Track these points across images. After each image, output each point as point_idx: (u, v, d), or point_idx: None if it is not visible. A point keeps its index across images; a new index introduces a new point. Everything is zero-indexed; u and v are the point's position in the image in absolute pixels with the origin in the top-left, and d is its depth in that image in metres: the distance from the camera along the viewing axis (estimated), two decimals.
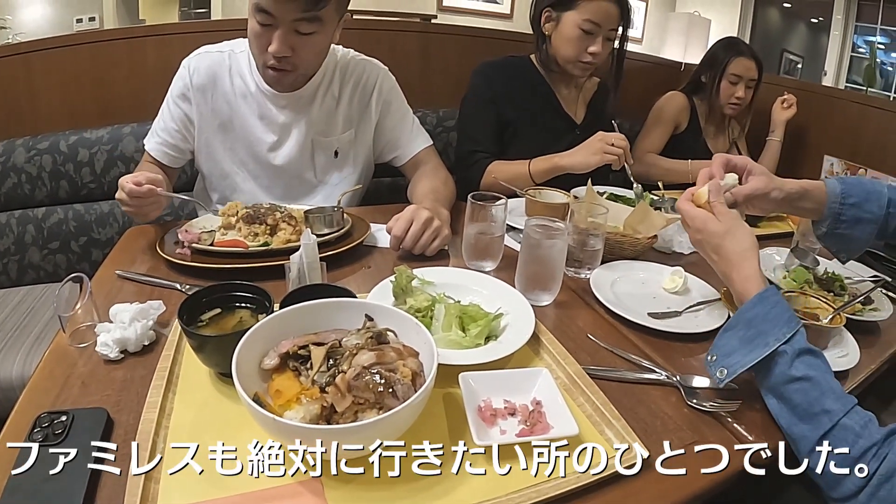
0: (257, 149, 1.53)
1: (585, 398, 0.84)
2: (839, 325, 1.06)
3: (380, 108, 1.61)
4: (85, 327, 0.92)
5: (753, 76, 2.26)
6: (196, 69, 1.48)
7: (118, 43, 1.90)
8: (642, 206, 1.37)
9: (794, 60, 6.73)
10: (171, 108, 1.50)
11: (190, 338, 0.81)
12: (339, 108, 1.56)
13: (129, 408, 0.76)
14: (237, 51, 1.50)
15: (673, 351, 1.02)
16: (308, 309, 0.80)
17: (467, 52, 2.26)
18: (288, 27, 1.30)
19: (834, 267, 1.41)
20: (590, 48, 1.74)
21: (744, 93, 2.26)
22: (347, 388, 0.67)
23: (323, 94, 1.54)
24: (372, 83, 1.59)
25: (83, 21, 4.10)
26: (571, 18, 1.74)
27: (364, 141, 1.63)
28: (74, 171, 1.79)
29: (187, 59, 1.51)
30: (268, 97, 1.49)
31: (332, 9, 1.33)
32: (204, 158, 1.55)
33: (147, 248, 1.25)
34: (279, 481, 0.67)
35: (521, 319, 0.98)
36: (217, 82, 1.48)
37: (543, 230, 1.10)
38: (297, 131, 1.53)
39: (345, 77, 1.57)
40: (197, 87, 1.47)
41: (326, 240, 1.22)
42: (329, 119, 1.56)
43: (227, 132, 1.52)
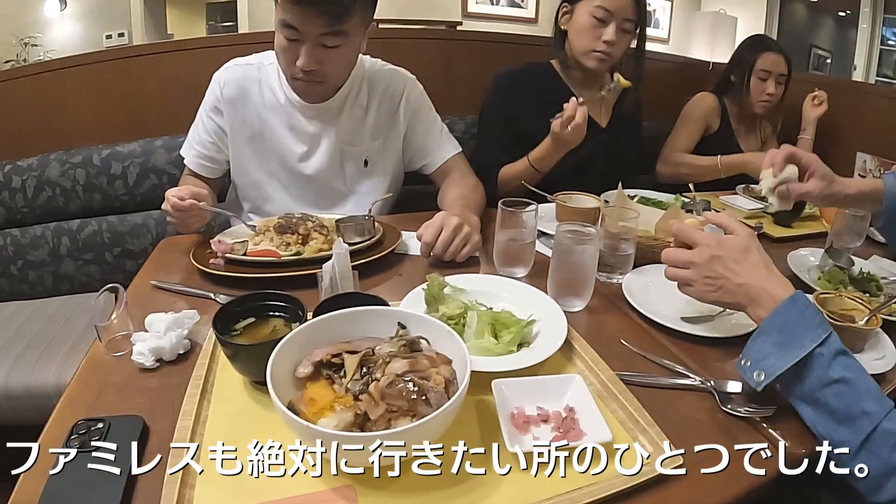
0: (287, 159, 1.54)
1: (619, 404, 0.83)
2: (876, 327, 1.03)
3: (408, 117, 1.62)
4: (121, 336, 0.93)
5: (783, 71, 2.23)
6: (227, 82, 1.50)
7: (147, 58, 1.94)
8: (673, 208, 1.36)
9: (822, 56, 6.61)
10: (204, 121, 1.53)
11: (225, 347, 0.82)
12: (368, 117, 1.57)
13: (164, 416, 0.76)
14: (266, 63, 1.52)
15: (707, 355, 1.00)
16: (341, 317, 0.81)
17: (493, 58, 2.25)
18: (314, 41, 1.31)
19: (869, 267, 1.38)
20: (603, 37, 1.72)
21: (774, 88, 2.23)
22: (381, 395, 0.67)
23: (351, 105, 1.54)
24: (399, 92, 1.60)
25: (112, 37, 4.19)
26: (584, 7, 1.74)
27: (393, 150, 1.63)
28: (108, 184, 1.82)
29: (218, 72, 1.54)
30: (297, 108, 1.51)
31: (357, 22, 1.34)
32: (236, 169, 1.58)
33: (181, 258, 1.26)
34: (313, 487, 0.67)
35: (554, 326, 0.97)
36: (247, 94, 1.50)
37: (574, 236, 1.09)
38: (327, 141, 1.54)
39: (372, 87, 1.57)
40: (228, 100, 1.50)
41: (358, 248, 1.23)
42: (357, 129, 1.56)
43: (258, 143, 1.53)
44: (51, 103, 1.89)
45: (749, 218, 1.77)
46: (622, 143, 1.96)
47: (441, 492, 0.67)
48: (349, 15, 1.30)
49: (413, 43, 2.21)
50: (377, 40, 2.04)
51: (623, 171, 1.88)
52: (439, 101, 1.71)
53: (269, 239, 1.26)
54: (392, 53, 1.67)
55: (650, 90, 2.11)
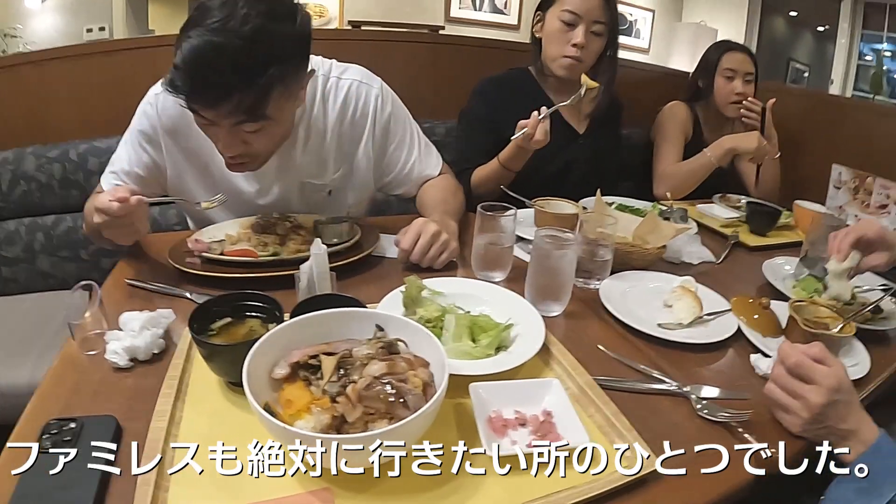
0: (242, 199, 1.39)
1: (596, 409, 0.83)
2: (850, 335, 1.05)
3: (378, 143, 1.46)
4: (95, 335, 0.92)
5: (749, 69, 2.23)
6: (164, 108, 1.28)
7: (129, 53, 1.92)
8: (651, 216, 1.38)
9: (800, 69, 6.75)
10: (135, 150, 1.33)
11: (201, 347, 0.81)
12: (328, 144, 1.40)
13: (138, 416, 0.75)
14: None
15: (683, 361, 1.02)
16: (319, 319, 0.80)
17: (475, 63, 2.27)
18: (229, 129, 1.13)
19: None
20: (572, 40, 1.74)
21: (743, 87, 2.22)
22: (358, 398, 0.67)
23: (306, 134, 1.37)
24: (364, 111, 1.41)
25: (93, 31, 4.14)
26: (553, 13, 1.77)
27: (360, 175, 1.48)
28: (85, 180, 1.80)
29: (154, 91, 1.30)
30: None
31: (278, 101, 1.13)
32: (183, 204, 1.46)
33: (157, 256, 1.25)
34: (290, 489, 0.67)
35: (532, 330, 0.98)
36: (190, 122, 1.20)
37: (553, 241, 1.10)
38: (283, 176, 1.39)
39: (331, 106, 1.39)
40: (166, 131, 1.30)
41: (336, 250, 1.22)
42: (318, 160, 1.41)
43: (206, 177, 1.37)
44: (29, 96, 1.87)
45: (725, 226, 1.79)
46: (601, 149, 1.97)
47: (419, 495, 0.67)
48: (265, 102, 1.09)
49: (396, 46, 2.21)
50: (362, 42, 2.05)
51: (602, 178, 1.89)
52: (421, 104, 1.70)
53: (246, 238, 1.24)
54: (375, 56, 1.67)
55: (630, 99, 2.14)
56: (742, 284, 1.40)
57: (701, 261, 1.48)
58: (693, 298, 1.15)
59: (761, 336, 1.09)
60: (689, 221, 1.68)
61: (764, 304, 1.16)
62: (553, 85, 1.89)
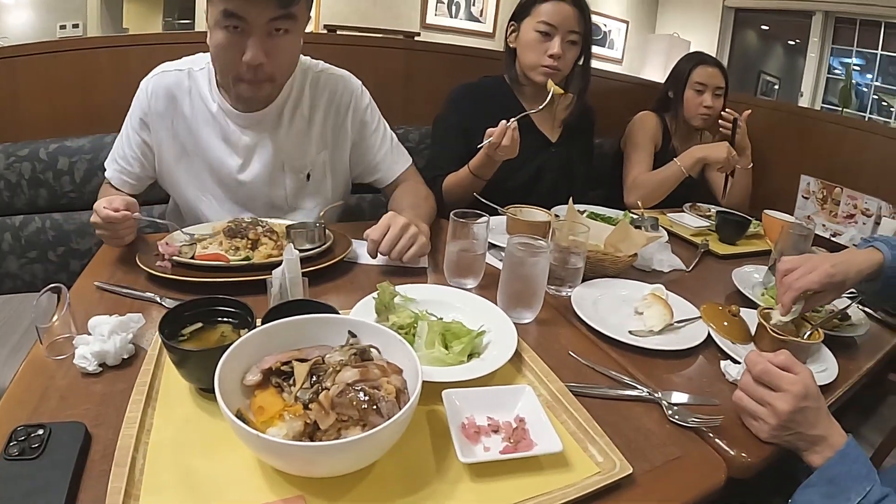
0: (223, 173, 1.47)
1: (568, 415, 0.84)
2: (818, 341, 1.08)
3: (356, 129, 1.57)
4: (63, 339, 0.90)
5: (719, 83, 2.27)
6: (154, 93, 1.42)
7: (102, 51, 1.88)
8: (623, 224, 1.39)
9: (771, 81, 6.89)
10: (130, 135, 1.46)
11: (171, 352, 0.80)
12: (312, 128, 1.51)
13: (108, 423, 0.74)
14: (196, 68, 1.44)
15: (654, 367, 1.03)
16: (291, 325, 0.80)
17: (450, 70, 2.27)
18: (262, 31, 1.24)
19: None
20: (549, 51, 1.76)
21: (712, 101, 2.26)
22: (331, 405, 0.67)
23: (291, 115, 1.47)
24: (347, 101, 1.54)
25: (67, 27, 4.07)
26: (529, 24, 1.78)
27: (340, 161, 1.59)
28: (54, 180, 1.76)
29: (146, 80, 1.45)
30: (230, 117, 1.43)
31: (303, 6, 1.28)
32: (168, 186, 1.52)
33: (127, 259, 1.23)
34: (262, 497, 0.66)
35: (504, 337, 0.98)
36: (177, 106, 1.42)
37: (525, 248, 1.11)
38: (264, 152, 1.47)
39: (316, 93, 1.51)
40: (156, 113, 1.42)
41: (308, 255, 1.22)
42: (300, 141, 1.50)
43: (190, 158, 1.46)
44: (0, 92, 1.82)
45: (695, 235, 1.82)
46: (573, 157, 1.99)
47: (392, 502, 0.67)
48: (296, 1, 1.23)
49: (372, 51, 2.20)
50: (336, 46, 2.04)
51: (574, 186, 1.92)
52: (396, 110, 1.71)
53: (217, 243, 1.23)
54: (351, 61, 1.67)
55: (603, 109, 2.16)
56: (712, 292, 1.43)
57: (671, 269, 1.50)
58: (664, 306, 1.17)
59: (731, 343, 1.11)
60: (660, 230, 1.70)
61: (733, 312, 1.17)
62: (527, 93, 1.91)
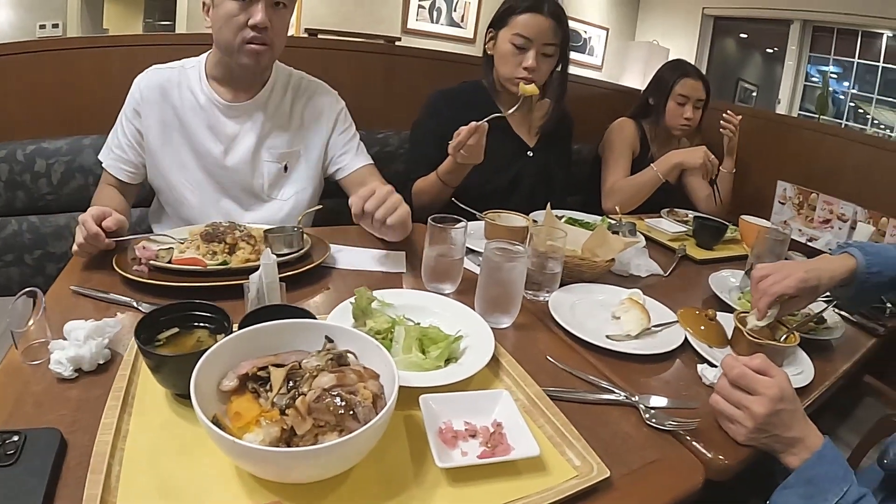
0: (207, 160, 1.55)
1: (546, 419, 0.85)
2: (794, 344, 1.09)
3: (331, 129, 1.66)
4: (38, 344, 0.89)
5: (701, 96, 2.30)
6: (146, 84, 1.52)
7: (82, 52, 1.86)
8: (600, 230, 1.40)
9: (749, 89, 6.99)
10: (124, 125, 1.54)
11: (147, 357, 0.80)
12: (291, 123, 1.61)
13: (83, 428, 0.74)
14: (188, 66, 1.55)
15: (632, 372, 1.04)
16: (268, 330, 0.80)
17: (430, 76, 2.28)
18: (266, 1, 1.38)
19: None
20: (523, 63, 1.77)
21: (692, 113, 2.29)
22: (308, 410, 0.67)
23: (274, 107, 1.58)
24: (324, 105, 1.65)
25: (46, 27, 4.02)
26: (505, 34, 1.79)
27: (314, 158, 1.65)
28: (31, 182, 1.74)
29: (139, 76, 1.55)
30: (218, 108, 1.53)
31: None
32: (153, 171, 1.56)
33: (103, 263, 1.21)
34: (239, 502, 0.66)
35: (481, 342, 0.98)
36: (167, 95, 1.52)
37: (503, 253, 1.11)
38: (246, 140, 1.56)
39: (297, 96, 1.62)
40: (146, 100, 1.51)
41: (286, 260, 1.22)
42: (279, 133, 1.59)
43: (176, 143, 1.54)
44: None
45: (673, 240, 1.84)
46: (551, 163, 2.00)
47: None
48: None
49: (352, 56, 2.20)
50: (317, 50, 2.04)
51: (552, 191, 1.93)
52: (376, 115, 1.71)
53: (195, 247, 1.22)
54: (331, 65, 1.68)
55: (582, 115, 2.18)
56: (689, 297, 1.45)
57: (649, 273, 1.52)
58: (641, 310, 1.18)
59: (708, 346, 1.13)
60: (638, 235, 1.72)
61: (710, 316, 1.19)
62: (505, 99, 1.91)
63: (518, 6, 1.75)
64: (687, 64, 2.39)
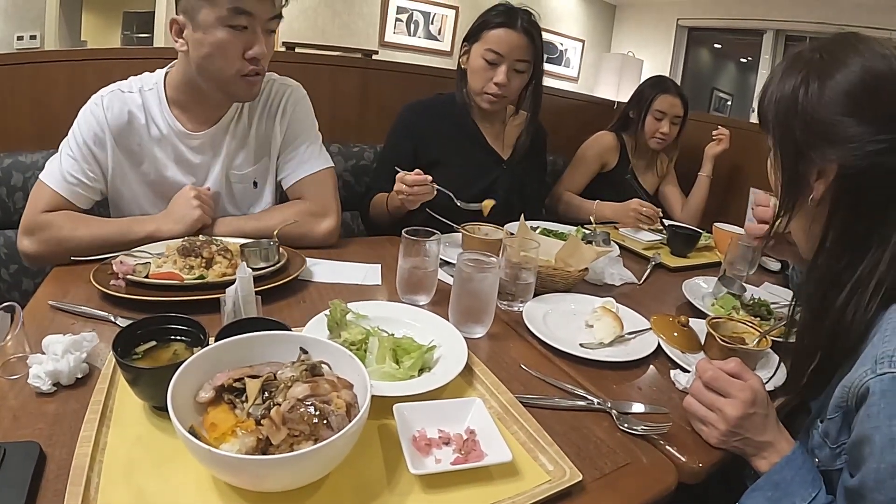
0: (177, 191, 1.45)
1: (519, 426, 0.86)
2: (766, 348, 1.12)
3: (284, 125, 1.56)
4: (16, 359, 0.89)
5: (678, 113, 2.37)
6: (110, 108, 1.39)
7: (59, 65, 1.86)
8: (573, 240, 1.42)
9: (723, 98, 7.09)
10: (82, 151, 1.39)
11: (125, 370, 0.80)
12: (251, 137, 1.54)
13: (62, 442, 0.74)
14: (146, 88, 1.44)
15: (604, 378, 1.06)
16: (243, 342, 0.81)
17: (407, 89, 2.29)
18: (263, 27, 1.34)
19: (761, 293, 1.49)
20: (494, 78, 1.78)
21: (668, 129, 2.36)
22: (282, 420, 0.68)
23: (234, 127, 1.51)
24: (278, 100, 1.55)
25: (24, 38, 3.99)
26: (477, 49, 1.80)
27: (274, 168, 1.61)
28: (7, 196, 1.73)
29: (98, 96, 1.42)
30: (180, 138, 1.46)
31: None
32: (121, 203, 1.50)
33: (80, 278, 1.21)
34: None
35: (455, 351, 1.00)
36: (133, 123, 1.41)
37: (475, 264, 1.13)
38: (215, 169, 1.51)
39: (252, 105, 1.53)
40: (114, 129, 1.40)
41: (262, 274, 1.23)
42: (242, 152, 1.53)
43: (144, 177, 1.47)
44: None
45: (647, 249, 1.87)
46: (525, 175, 2.02)
47: None
48: (284, 6, 1.37)
49: (329, 69, 2.21)
50: (293, 64, 2.05)
51: (526, 203, 1.95)
52: (352, 128, 1.71)
53: (172, 262, 1.23)
54: (308, 79, 1.67)
55: (557, 126, 2.21)
56: (663, 304, 1.47)
57: (623, 282, 1.54)
58: (613, 318, 1.20)
59: (681, 352, 1.15)
60: (612, 244, 1.75)
61: (683, 322, 1.21)
62: (478, 112, 1.93)
63: (491, 21, 1.77)
64: (668, 80, 2.45)
